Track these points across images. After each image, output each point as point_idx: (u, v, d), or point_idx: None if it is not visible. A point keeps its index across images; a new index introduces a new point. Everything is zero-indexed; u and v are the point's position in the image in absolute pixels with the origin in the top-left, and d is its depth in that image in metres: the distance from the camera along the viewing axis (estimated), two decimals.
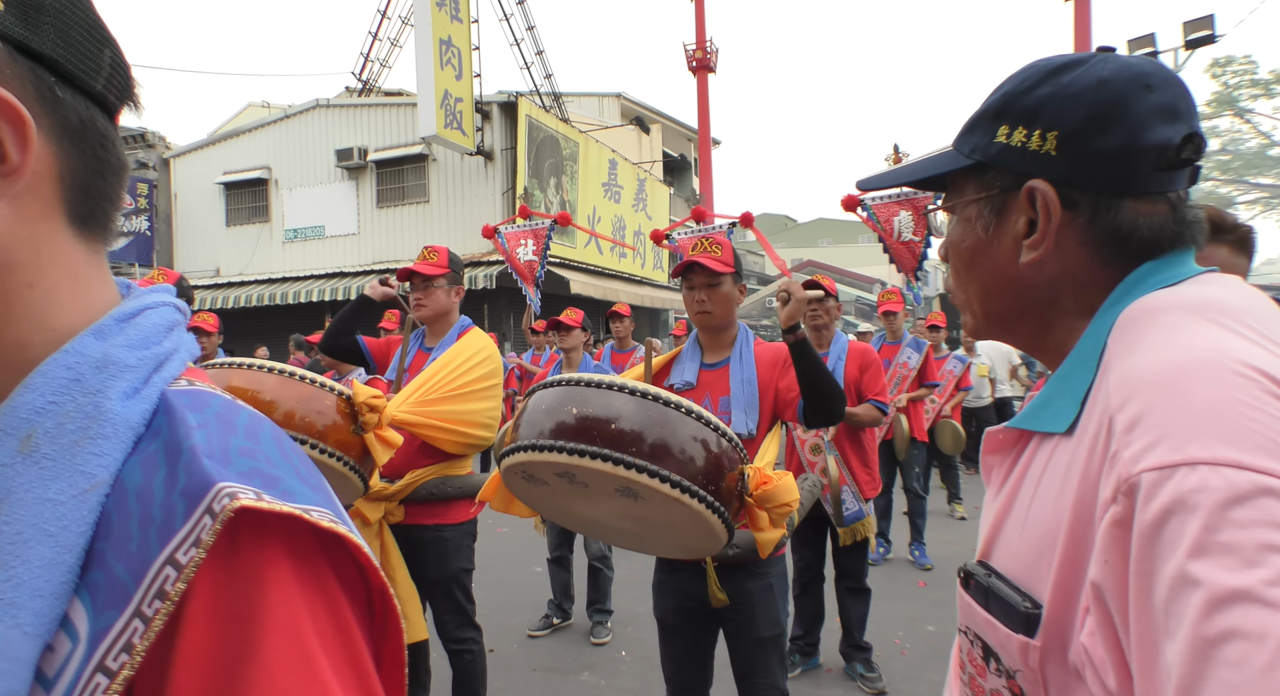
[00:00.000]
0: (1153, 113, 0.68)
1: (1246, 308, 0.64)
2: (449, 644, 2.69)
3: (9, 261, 0.44)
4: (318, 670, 0.41)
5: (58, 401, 0.43)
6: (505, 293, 13.43)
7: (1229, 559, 0.48)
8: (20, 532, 0.40)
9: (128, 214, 15.76)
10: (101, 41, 0.48)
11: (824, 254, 48.04)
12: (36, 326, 0.46)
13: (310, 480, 0.48)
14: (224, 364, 2.01)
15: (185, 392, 0.48)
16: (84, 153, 0.47)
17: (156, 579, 0.39)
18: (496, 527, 6.26)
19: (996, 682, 0.69)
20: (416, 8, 12.86)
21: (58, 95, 0.45)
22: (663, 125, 23.72)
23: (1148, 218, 0.70)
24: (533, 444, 1.56)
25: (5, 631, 0.38)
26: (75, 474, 0.42)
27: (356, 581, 0.46)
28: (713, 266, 2.16)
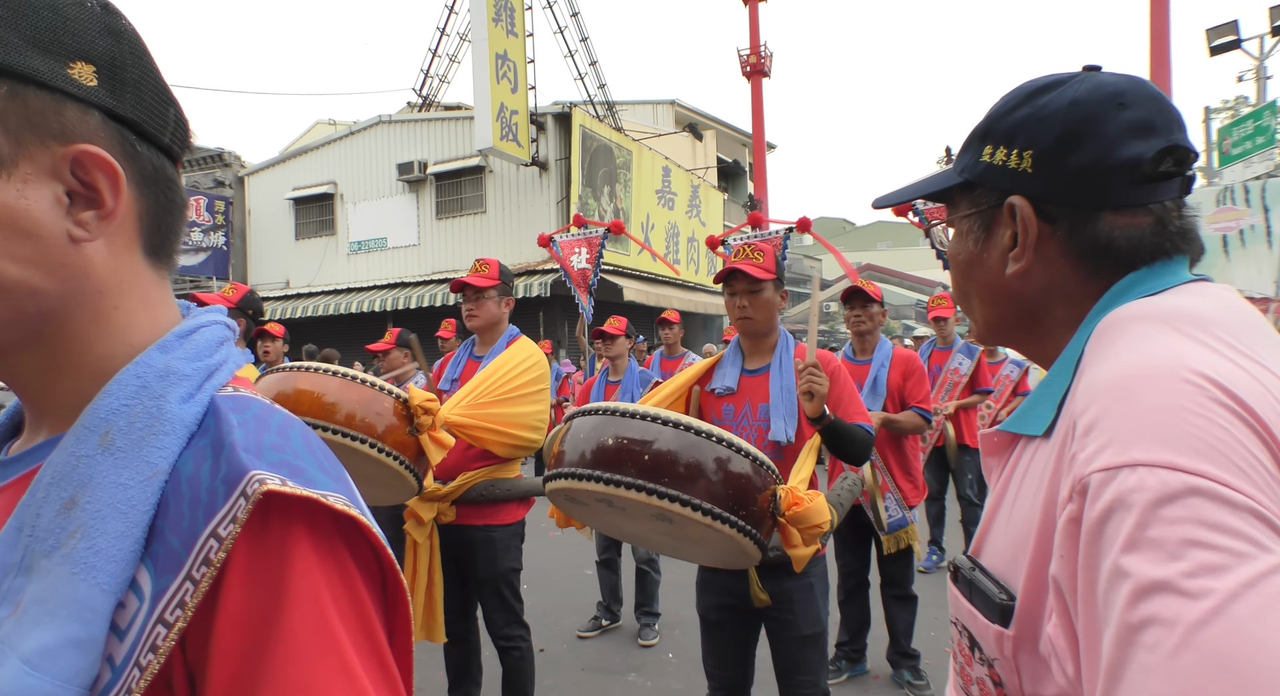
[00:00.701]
0: (1124, 130, 0.71)
1: (1218, 317, 0.67)
2: (498, 641, 2.79)
3: (102, 288, 0.54)
4: (332, 627, 0.48)
5: (129, 404, 0.52)
6: (560, 300, 13.65)
7: (1155, 553, 0.52)
8: (100, 511, 0.48)
9: (206, 230, 16.62)
10: (167, 102, 0.58)
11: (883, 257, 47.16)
12: (118, 342, 0.56)
13: (332, 472, 0.55)
14: (292, 367, 2.16)
15: (230, 397, 0.56)
16: (156, 196, 0.57)
17: (203, 549, 0.47)
18: (549, 532, 6.38)
19: (980, 671, 0.73)
20: (474, 24, 13.23)
21: (137, 150, 0.55)
22: (716, 131, 23.73)
23: (1125, 230, 0.73)
24: (572, 472, 1.66)
25: (88, 589, 0.46)
26: (142, 464, 0.50)
27: (369, 558, 0.54)
28: (754, 273, 2.21)
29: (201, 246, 16.56)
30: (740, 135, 25.10)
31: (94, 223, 0.53)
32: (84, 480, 0.50)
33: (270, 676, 0.46)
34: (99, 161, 0.52)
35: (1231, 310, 0.68)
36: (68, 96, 0.51)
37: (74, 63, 0.51)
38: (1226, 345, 0.63)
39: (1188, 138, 0.73)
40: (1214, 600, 0.49)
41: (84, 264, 0.53)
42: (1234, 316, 0.67)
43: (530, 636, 2.86)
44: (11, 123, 0.49)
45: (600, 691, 3.51)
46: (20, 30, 0.49)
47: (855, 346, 3.59)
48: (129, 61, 0.55)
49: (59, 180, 0.52)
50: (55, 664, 0.45)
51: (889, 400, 3.41)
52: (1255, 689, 0.46)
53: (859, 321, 3.47)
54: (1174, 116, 0.73)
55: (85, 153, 0.52)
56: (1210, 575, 0.49)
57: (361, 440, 2.09)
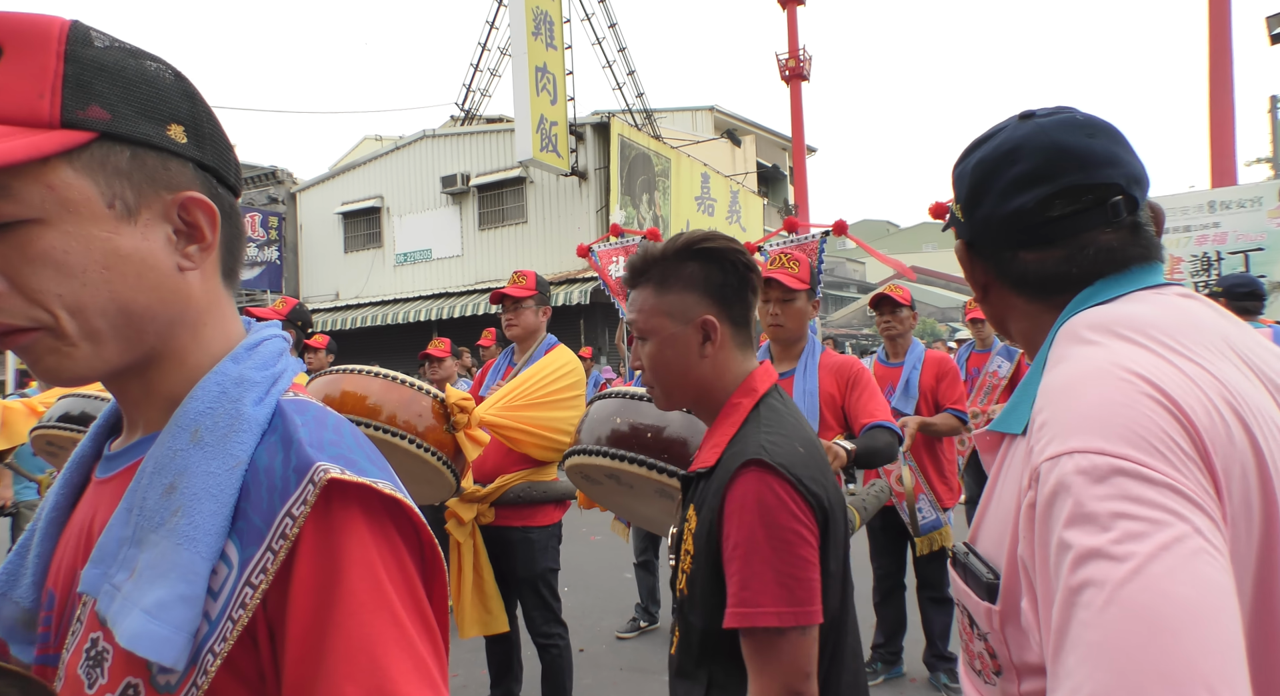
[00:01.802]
0: (1010, 184, 0.82)
1: (1158, 321, 0.75)
2: (537, 638, 2.89)
3: (199, 308, 0.66)
4: (384, 587, 0.59)
5: (213, 407, 0.63)
6: (600, 308, 13.80)
7: (1090, 526, 0.61)
8: (195, 494, 0.59)
9: (261, 245, 17.24)
10: (229, 148, 0.69)
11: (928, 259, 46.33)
12: (204, 353, 0.67)
13: (377, 463, 0.65)
14: (338, 370, 2.31)
15: (293, 401, 0.67)
16: (230, 226, 0.69)
17: (280, 525, 0.58)
18: (590, 535, 6.49)
19: (979, 645, 0.81)
20: (514, 38, 13.51)
21: (218, 191, 0.67)
22: (756, 136, 23.70)
23: (1037, 264, 0.84)
24: (584, 448, 1.75)
25: (190, 555, 0.57)
26: (227, 455, 0.60)
27: (410, 533, 0.64)
28: (788, 283, 2.27)
29: (257, 261, 17.18)
30: (780, 139, 25.03)
31: (197, 254, 0.64)
32: (180, 469, 0.60)
33: (335, 627, 0.56)
34: (201, 204, 0.64)
35: (1174, 314, 0.76)
36: (171, 154, 0.62)
37: (170, 125, 0.62)
38: (1162, 345, 0.72)
39: (1096, 174, 0.80)
40: (1135, 561, 0.58)
41: (188, 289, 0.64)
42: (1175, 319, 0.75)
43: (568, 634, 2.94)
44: (135, 179, 0.60)
45: (638, 690, 3.58)
46: (131, 104, 0.60)
47: (888, 350, 3.61)
48: (204, 119, 0.66)
49: (168, 222, 0.63)
50: (169, 614, 0.56)
51: (922, 402, 3.42)
52: (1163, 633, 0.55)
53: (889, 326, 3.50)
54: (1072, 161, 0.80)
55: (191, 198, 0.63)
56: (1133, 541, 0.59)
57: (403, 437, 2.22)
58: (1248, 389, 0.70)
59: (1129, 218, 0.81)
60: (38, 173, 0.56)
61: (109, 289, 0.59)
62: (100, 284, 0.59)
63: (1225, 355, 0.72)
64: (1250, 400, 0.68)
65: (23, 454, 3.43)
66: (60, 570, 0.68)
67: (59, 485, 0.74)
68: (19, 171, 0.55)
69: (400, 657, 0.57)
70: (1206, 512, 0.61)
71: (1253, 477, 0.65)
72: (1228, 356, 0.72)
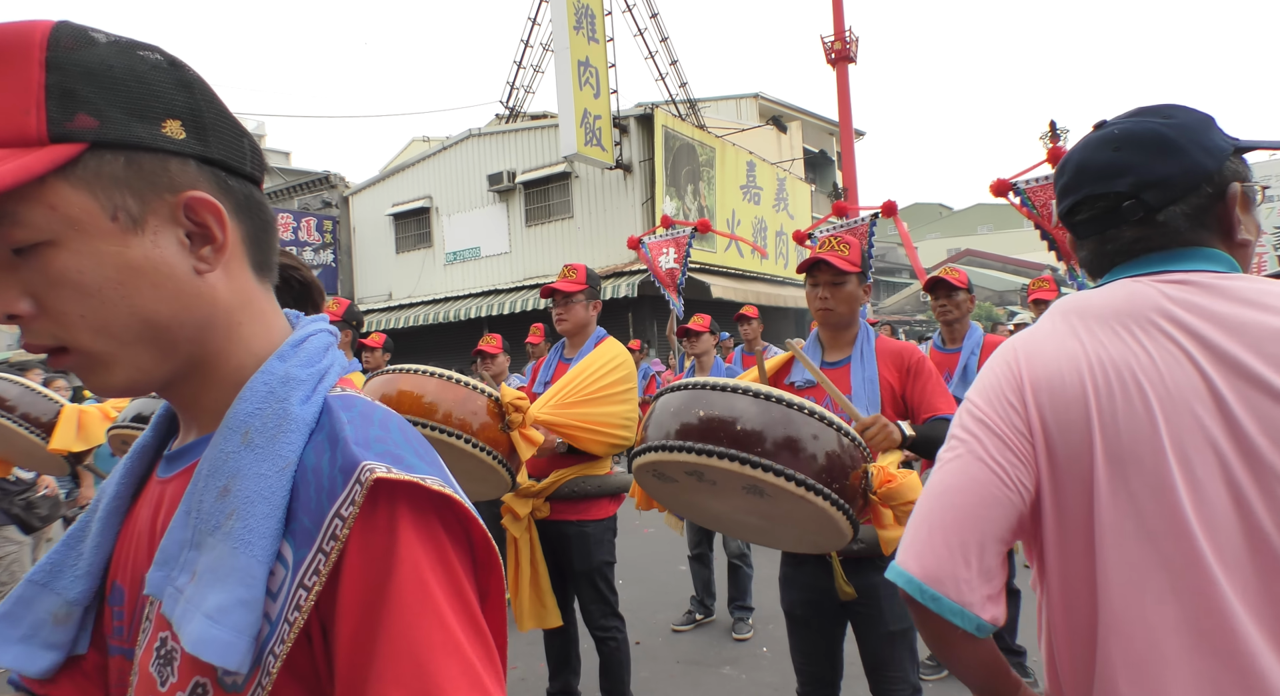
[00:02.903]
0: (1059, 192, 1.05)
1: (1088, 305, 0.97)
2: (595, 631, 2.90)
3: (229, 308, 0.63)
4: (429, 588, 0.57)
5: (261, 407, 0.62)
6: (648, 300, 13.79)
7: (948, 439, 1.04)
8: (249, 497, 0.58)
9: (317, 249, 17.71)
10: (240, 135, 0.64)
11: (983, 241, 45.00)
12: (245, 352, 0.65)
13: (426, 457, 0.63)
14: (395, 370, 2.34)
15: (340, 397, 0.65)
16: (252, 219, 0.65)
17: (330, 526, 0.57)
18: (644, 528, 6.49)
19: None
20: (555, 33, 13.54)
21: (228, 184, 0.63)
22: (802, 121, 23.30)
23: (1086, 254, 1.06)
24: (663, 444, 1.67)
25: (247, 559, 0.56)
26: (276, 457, 0.59)
27: (458, 530, 0.62)
28: (838, 265, 2.19)
29: (313, 265, 17.64)
30: (827, 124, 24.57)
31: (211, 255, 0.61)
32: (233, 472, 0.59)
33: (384, 627, 0.55)
34: (204, 203, 0.60)
35: (1108, 301, 0.96)
36: (168, 153, 0.59)
37: (165, 121, 0.58)
38: (1067, 323, 0.97)
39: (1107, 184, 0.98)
40: (941, 463, 0.99)
41: (211, 291, 0.62)
42: (1103, 305, 0.95)
43: (625, 627, 2.95)
44: (135, 186, 0.57)
45: (695, 683, 3.57)
46: (119, 105, 0.56)
47: (944, 335, 3.50)
48: (204, 108, 0.61)
49: (178, 225, 0.60)
50: (230, 618, 0.55)
51: None
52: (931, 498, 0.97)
53: (945, 310, 3.39)
54: (1088, 175, 1.00)
55: (193, 198, 0.60)
56: (949, 451, 1.00)
57: (458, 436, 2.23)
58: (1120, 352, 0.90)
59: (1148, 216, 0.96)
60: (37, 194, 0.54)
61: (128, 304, 0.58)
62: (118, 300, 0.57)
63: (1133, 329, 0.91)
64: (1114, 361, 0.90)
65: (101, 455, 3.58)
66: (127, 565, 0.68)
67: (120, 474, 0.73)
68: (19, 195, 0.53)
69: (446, 662, 0.56)
70: (1000, 436, 0.94)
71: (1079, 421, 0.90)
72: (1133, 330, 0.91)
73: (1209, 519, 0.82)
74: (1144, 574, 0.84)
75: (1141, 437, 0.85)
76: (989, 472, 0.92)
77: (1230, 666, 0.80)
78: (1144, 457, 0.85)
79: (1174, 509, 0.83)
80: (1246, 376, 0.83)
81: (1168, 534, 0.83)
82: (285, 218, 17.27)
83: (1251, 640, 0.79)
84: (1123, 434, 0.87)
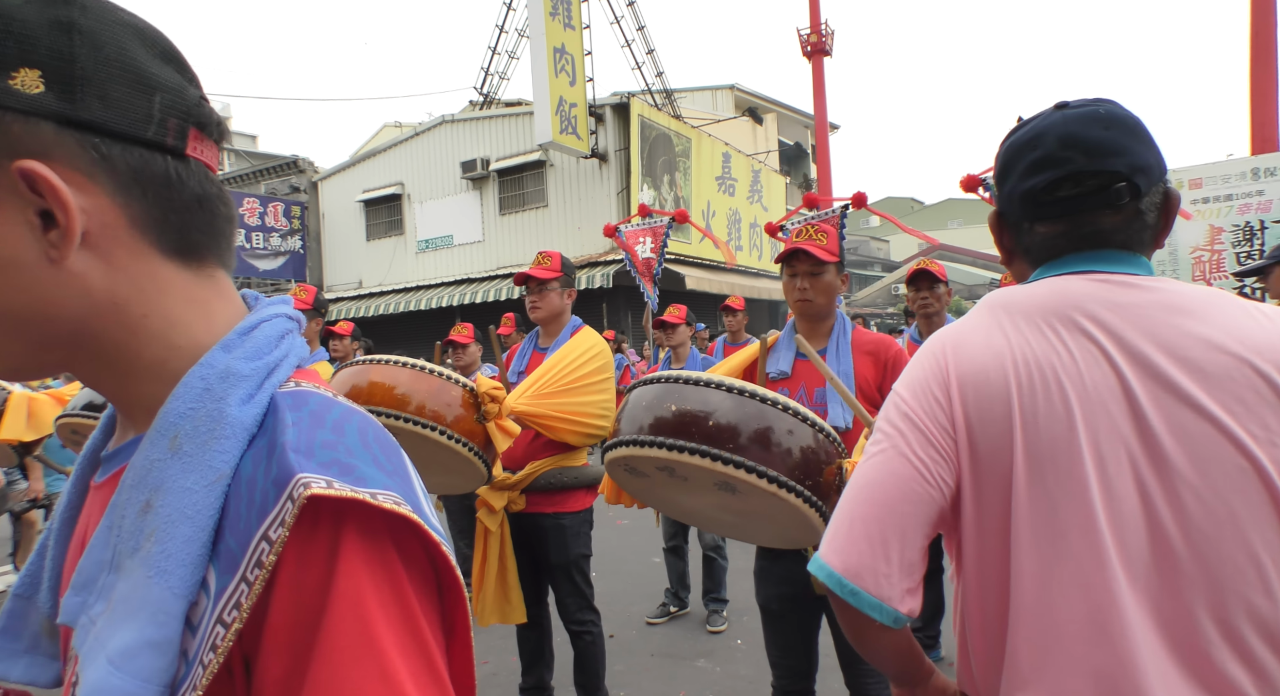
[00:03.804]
0: (1028, 167, 0.96)
1: (1017, 300, 0.96)
2: (570, 625, 2.85)
3: (117, 300, 0.53)
4: (373, 631, 0.47)
5: (194, 408, 0.52)
6: (623, 291, 13.72)
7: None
8: (170, 515, 0.49)
9: (284, 235, 17.34)
10: (148, 90, 0.52)
11: (954, 236, 45.54)
12: (164, 346, 0.55)
13: (387, 467, 0.54)
14: (366, 360, 2.26)
15: (290, 394, 0.56)
16: (146, 197, 0.53)
17: (256, 551, 0.48)
18: (617, 520, 6.46)
19: None
20: (531, 19, 13.36)
21: (105, 152, 0.50)
22: (778, 114, 23.34)
23: (1043, 236, 0.99)
24: (634, 439, 1.63)
25: (161, 592, 0.48)
26: (206, 468, 0.50)
27: (420, 557, 0.52)
28: (817, 254, 2.15)
29: (280, 251, 17.30)
30: (802, 117, 24.62)
31: (60, 241, 0.49)
32: (157, 484, 0.51)
33: (311, 679, 0.46)
34: (35, 176, 0.48)
35: (1036, 297, 0.95)
36: (12, 110, 0.48)
37: (16, 71, 0.48)
38: (997, 319, 0.96)
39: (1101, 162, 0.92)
40: (865, 457, 0.98)
41: (78, 282, 0.51)
42: (1030, 301, 0.95)
43: (601, 621, 2.90)
44: None
45: (670, 676, 3.55)
46: None
47: (922, 328, 3.50)
48: (82, 56, 0.49)
49: (25, 202, 0.48)
50: (135, 663, 0.47)
51: None
52: (853, 492, 0.95)
53: (925, 303, 3.38)
54: (1080, 149, 0.93)
55: (23, 168, 0.48)
56: (873, 444, 0.98)
57: (432, 428, 2.16)
58: (1044, 351, 0.90)
59: (1131, 203, 0.93)
60: None
61: None
62: None
63: (1052, 326, 0.91)
64: (1038, 360, 0.89)
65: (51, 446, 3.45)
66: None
67: (72, 481, 0.66)
68: None
69: None
70: (923, 431, 0.93)
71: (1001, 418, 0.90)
72: (1055, 327, 0.91)
73: (1117, 517, 0.85)
74: (1053, 566, 0.87)
75: (1059, 437, 0.87)
76: (911, 468, 0.92)
77: (1115, 656, 0.84)
78: (1060, 457, 0.87)
79: (1086, 507, 0.86)
80: (1160, 380, 0.85)
81: (1078, 530, 0.86)
82: (252, 202, 16.89)
83: (1137, 634, 0.83)
84: (1042, 432, 0.88)
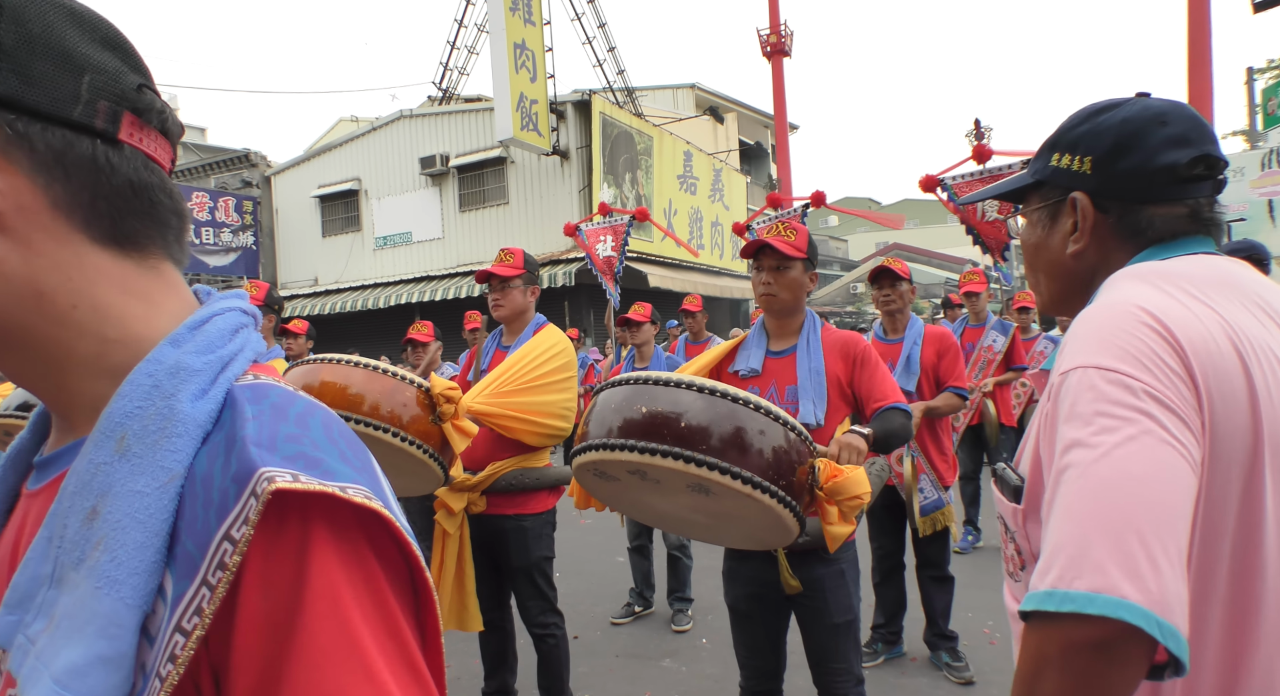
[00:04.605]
0: (1164, 142, 0.91)
1: (1187, 273, 0.87)
2: (533, 629, 2.80)
3: (39, 289, 0.49)
4: (353, 629, 0.46)
5: (142, 406, 0.49)
6: (585, 289, 13.65)
7: (1078, 422, 0.77)
8: (119, 521, 0.46)
9: (236, 230, 16.85)
10: (76, 70, 0.50)
11: (910, 236, 46.47)
12: (97, 338, 0.52)
13: (354, 462, 0.52)
14: (317, 360, 2.17)
15: (249, 387, 0.53)
16: (69, 179, 0.50)
17: (217, 552, 0.45)
18: (580, 519, 6.41)
19: (1010, 548, 0.93)
20: (491, 14, 13.19)
21: (20, 130, 0.48)
22: (738, 113, 23.46)
23: (1163, 217, 0.93)
24: (604, 443, 1.59)
25: (111, 603, 0.45)
26: (157, 469, 0.48)
27: (393, 554, 0.50)
28: (783, 249, 2.14)
29: (231, 247, 16.81)
30: (762, 117, 24.81)
31: None
32: (103, 489, 0.48)
33: (290, 683, 0.44)
34: None
35: (1206, 269, 0.88)
36: None
37: None
38: (1181, 290, 0.84)
39: (1218, 149, 0.93)
40: (1103, 448, 0.73)
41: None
42: (1205, 273, 0.87)
43: (564, 624, 2.86)
44: None
45: (635, 677, 3.52)
46: None
47: (886, 325, 3.52)
48: (2, 31, 0.47)
49: None
50: (84, 682, 0.43)
51: (923, 378, 3.35)
52: (1113, 494, 0.71)
53: (888, 300, 3.40)
54: (1207, 133, 0.93)
55: None
56: (1106, 433, 0.74)
57: (386, 430, 2.09)
58: (1255, 329, 0.81)
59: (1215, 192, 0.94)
60: None
61: None
62: None
63: (1243, 304, 0.83)
64: (1253, 337, 0.80)
65: None
66: None
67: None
68: None
69: None
70: (1178, 414, 0.75)
71: (1241, 398, 0.77)
72: (1247, 305, 0.83)
73: None
74: None
75: None
76: (1179, 457, 0.72)
77: None
78: None
79: None
80: None
81: None
82: (201, 197, 16.37)
83: None
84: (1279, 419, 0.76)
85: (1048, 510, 0.75)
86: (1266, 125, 10.52)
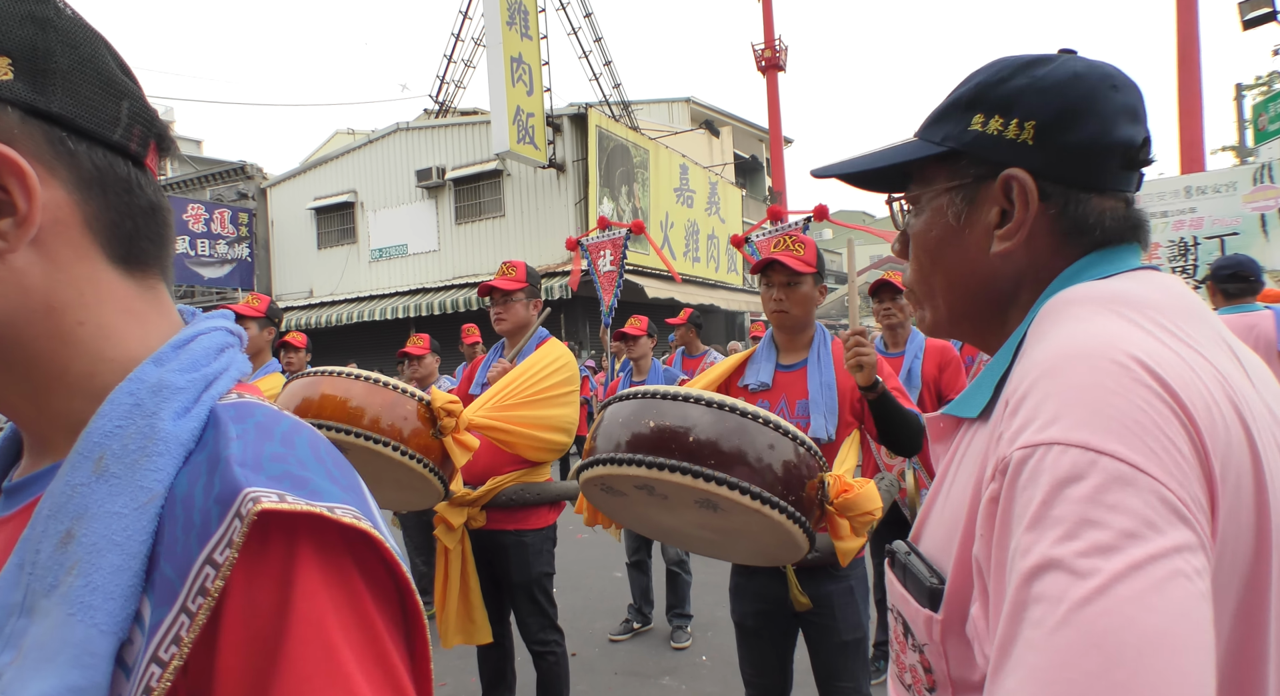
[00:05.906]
0: (1119, 111, 0.69)
1: (1157, 302, 0.64)
2: (532, 646, 2.76)
3: (53, 304, 0.49)
4: (337, 655, 0.44)
5: (122, 425, 0.48)
6: (581, 301, 13.65)
7: (1054, 531, 0.51)
8: (95, 544, 0.45)
9: (231, 242, 16.82)
10: (117, 95, 0.52)
11: None
12: (94, 358, 0.52)
13: (342, 481, 0.51)
14: (317, 372, 2.14)
15: (233, 406, 0.52)
16: (107, 198, 0.52)
17: (198, 577, 0.44)
18: (577, 534, 6.36)
19: (912, 657, 0.70)
20: (488, 28, 13.26)
21: (71, 148, 0.50)
22: (733, 127, 23.60)
23: (1111, 212, 0.71)
24: (611, 457, 1.57)
25: (85, 630, 0.43)
26: (136, 489, 0.46)
27: (381, 574, 0.49)
28: (793, 265, 2.14)
29: (227, 259, 16.78)
30: (757, 130, 24.94)
31: (12, 231, 0.47)
32: (79, 511, 0.46)
33: None
34: (3, 159, 0.46)
35: (1174, 298, 0.66)
36: None
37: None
38: (1163, 329, 0.61)
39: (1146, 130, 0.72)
40: (1099, 580, 0.48)
41: (16, 278, 0.48)
42: (1175, 303, 0.65)
43: (564, 641, 2.82)
44: None
45: (633, 695, 3.47)
46: None
47: (886, 339, 3.51)
48: (57, 51, 0.49)
49: None
50: None
51: (925, 391, 3.33)
52: (1120, 666, 0.46)
53: (889, 314, 3.40)
54: (1144, 107, 0.72)
55: None
56: (1100, 555, 0.49)
57: (386, 443, 2.06)
58: (1241, 381, 0.61)
59: None
60: None
61: None
62: None
63: (1216, 343, 0.64)
64: (1248, 397, 0.60)
65: None
66: None
67: None
68: None
69: None
70: (1194, 529, 0.51)
71: (1247, 485, 0.56)
72: (1219, 345, 0.64)
73: None
74: None
75: None
76: (1203, 603, 0.49)
77: None
78: None
79: None
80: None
81: None
82: (197, 208, 16.35)
83: None
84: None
85: (1000, 653, 0.51)
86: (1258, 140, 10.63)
